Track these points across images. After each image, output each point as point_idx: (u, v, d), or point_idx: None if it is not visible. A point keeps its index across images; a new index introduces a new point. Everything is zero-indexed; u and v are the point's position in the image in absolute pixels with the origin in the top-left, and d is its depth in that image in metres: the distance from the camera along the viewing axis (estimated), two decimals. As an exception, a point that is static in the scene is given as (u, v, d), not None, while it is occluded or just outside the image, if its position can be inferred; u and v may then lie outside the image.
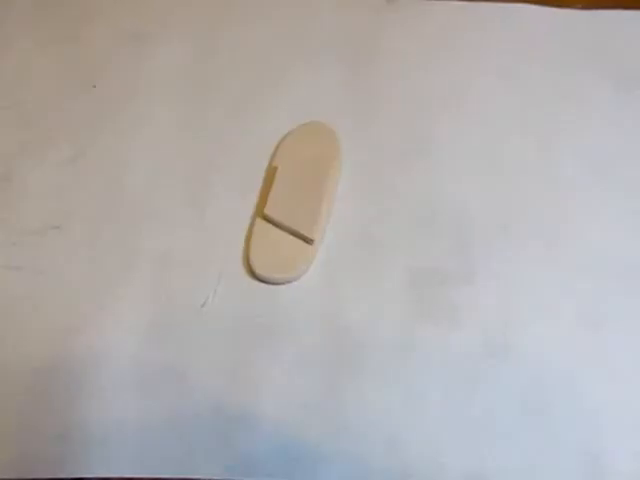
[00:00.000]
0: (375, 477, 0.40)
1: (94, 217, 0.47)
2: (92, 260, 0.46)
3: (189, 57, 0.53)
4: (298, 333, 0.43)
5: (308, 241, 0.45)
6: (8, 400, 0.42)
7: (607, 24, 0.54)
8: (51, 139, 0.50)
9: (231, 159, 0.49)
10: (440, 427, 0.41)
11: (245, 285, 0.45)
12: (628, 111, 0.50)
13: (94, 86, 0.52)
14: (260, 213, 0.46)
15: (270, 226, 0.46)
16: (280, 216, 0.45)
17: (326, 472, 0.40)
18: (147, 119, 0.51)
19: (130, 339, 0.43)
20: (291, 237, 0.45)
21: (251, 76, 0.52)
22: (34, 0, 0.56)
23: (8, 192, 0.48)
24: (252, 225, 0.46)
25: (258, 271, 0.45)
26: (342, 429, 0.41)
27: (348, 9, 0.55)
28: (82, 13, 0.55)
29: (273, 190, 0.46)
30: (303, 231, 0.45)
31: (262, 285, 0.45)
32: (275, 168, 0.47)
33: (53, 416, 0.41)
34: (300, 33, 0.54)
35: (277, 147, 0.49)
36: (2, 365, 0.43)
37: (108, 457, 0.40)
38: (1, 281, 0.45)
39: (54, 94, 0.52)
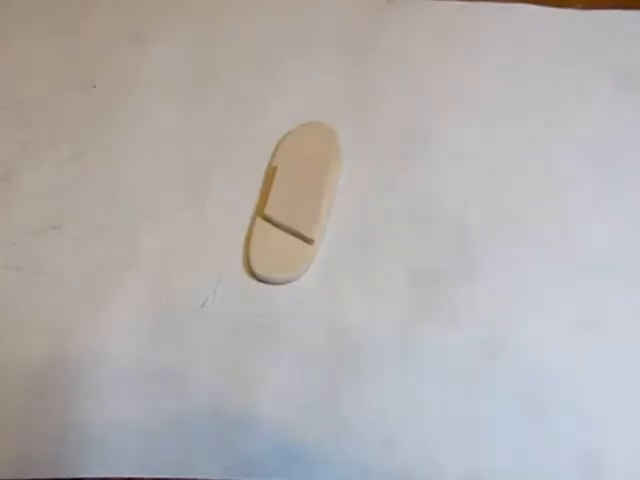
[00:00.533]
0: (373, 477, 0.40)
1: (94, 217, 0.47)
2: (92, 260, 0.46)
3: (188, 56, 0.53)
4: (298, 333, 0.43)
5: (308, 241, 0.45)
6: (8, 400, 0.42)
7: (607, 24, 0.53)
8: (51, 139, 0.50)
9: (231, 159, 0.49)
10: (438, 427, 0.41)
11: (245, 285, 0.45)
12: (628, 112, 0.50)
13: (94, 86, 0.52)
14: (260, 213, 0.46)
15: (270, 226, 0.46)
16: (280, 216, 0.45)
17: (325, 472, 0.40)
18: (147, 119, 0.51)
19: (130, 339, 0.43)
20: (291, 237, 0.45)
21: (251, 76, 0.52)
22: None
23: (8, 192, 0.48)
24: (252, 225, 0.46)
25: (258, 271, 0.45)
26: (341, 429, 0.41)
27: (348, 8, 0.55)
28: (82, 5, 0.55)
29: (273, 190, 0.46)
30: (303, 231, 0.45)
31: (262, 285, 0.45)
32: (275, 168, 0.47)
33: (53, 416, 0.41)
34: (300, 33, 0.54)
35: (277, 147, 0.49)
36: (1, 365, 0.43)
37: (108, 457, 0.40)
38: (1, 281, 0.45)
39: (54, 93, 0.52)
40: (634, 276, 0.45)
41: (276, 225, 0.46)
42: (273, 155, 0.49)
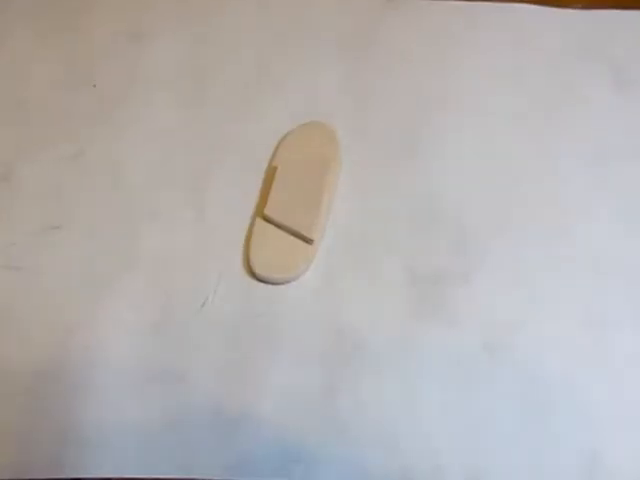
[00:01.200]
0: (373, 478, 0.40)
1: (94, 217, 0.47)
2: (92, 260, 0.46)
3: (188, 55, 0.53)
4: (298, 333, 0.43)
5: (308, 241, 0.45)
6: (8, 400, 0.42)
7: (607, 24, 0.53)
8: (51, 138, 0.50)
9: (231, 159, 0.49)
10: (438, 427, 0.41)
11: (245, 285, 0.45)
12: (628, 112, 0.50)
13: (94, 85, 0.52)
14: (260, 213, 0.46)
15: (270, 226, 0.46)
16: (280, 216, 0.45)
17: (324, 472, 0.40)
18: (146, 118, 0.50)
19: (130, 339, 0.43)
20: (291, 237, 0.45)
21: (251, 76, 0.52)
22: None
23: (8, 192, 0.48)
24: (252, 225, 0.46)
25: (258, 271, 0.45)
26: (341, 429, 0.41)
27: (348, 8, 0.55)
28: (81, 5, 0.55)
29: (273, 190, 0.46)
30: (303, 231, 0.45)
31: (262, 285, 0.45)
32: (275, 168, 0.47)
33: (53, 416, 0.41)
34: (300, 33, 0.54)
35: (277, 147, 0.49)
36: (2, 365, 0.43)
37: (107, 457, 0.40)
38: (1, 281, 0.45)
39: (54, 93, 0.52)
40: (634, 276, 0.45)
41: (276, 225, 0.46)
42: (273, 155, 0.49)
